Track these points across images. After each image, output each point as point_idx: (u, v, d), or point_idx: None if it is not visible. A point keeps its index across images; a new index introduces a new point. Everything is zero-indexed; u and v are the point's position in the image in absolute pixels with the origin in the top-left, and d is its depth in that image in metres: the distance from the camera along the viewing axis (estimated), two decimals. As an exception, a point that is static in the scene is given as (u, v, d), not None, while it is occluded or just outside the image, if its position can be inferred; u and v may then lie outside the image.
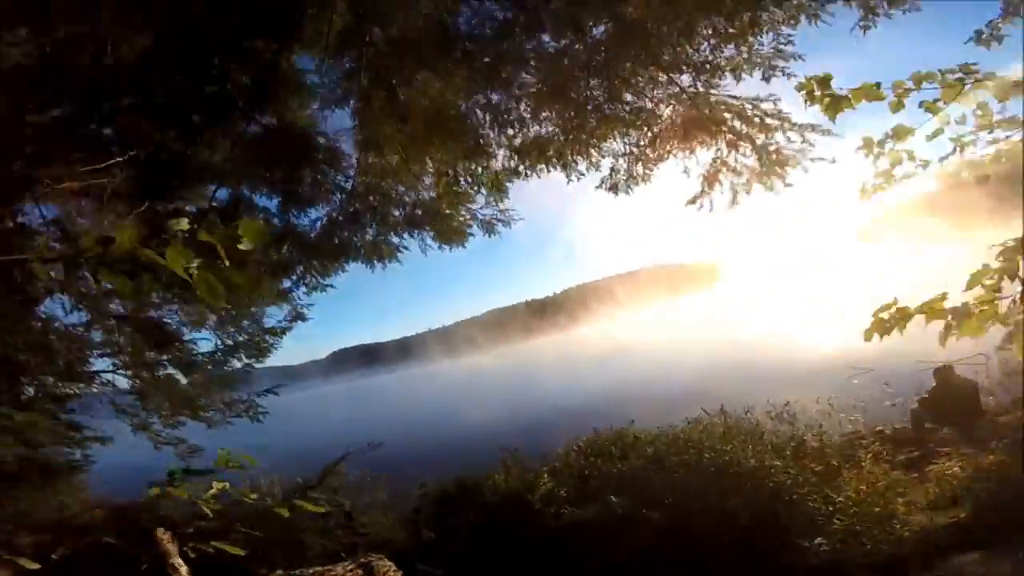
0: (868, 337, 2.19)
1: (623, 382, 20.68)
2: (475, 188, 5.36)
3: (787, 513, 3.41)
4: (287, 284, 6.05)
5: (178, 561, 3.34)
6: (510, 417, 18.44)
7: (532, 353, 49.33)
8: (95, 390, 5.90)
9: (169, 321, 6.32)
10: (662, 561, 3.38)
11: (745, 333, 25.51)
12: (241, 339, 7.30)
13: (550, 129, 5.10)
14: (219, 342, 6.81)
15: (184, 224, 1.20)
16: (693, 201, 5.46)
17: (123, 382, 6.10)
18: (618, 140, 5.13)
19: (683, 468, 4.40)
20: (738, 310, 41.31)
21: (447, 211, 5.40)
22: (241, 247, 1.20)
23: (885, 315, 2.15)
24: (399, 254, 5.63)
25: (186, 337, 6.30)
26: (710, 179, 5.28)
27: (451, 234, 5.46)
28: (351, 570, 3.46)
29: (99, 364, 6.00)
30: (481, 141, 5.05)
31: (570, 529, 4.07)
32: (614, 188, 5.42)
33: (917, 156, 2.47)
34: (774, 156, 4.94)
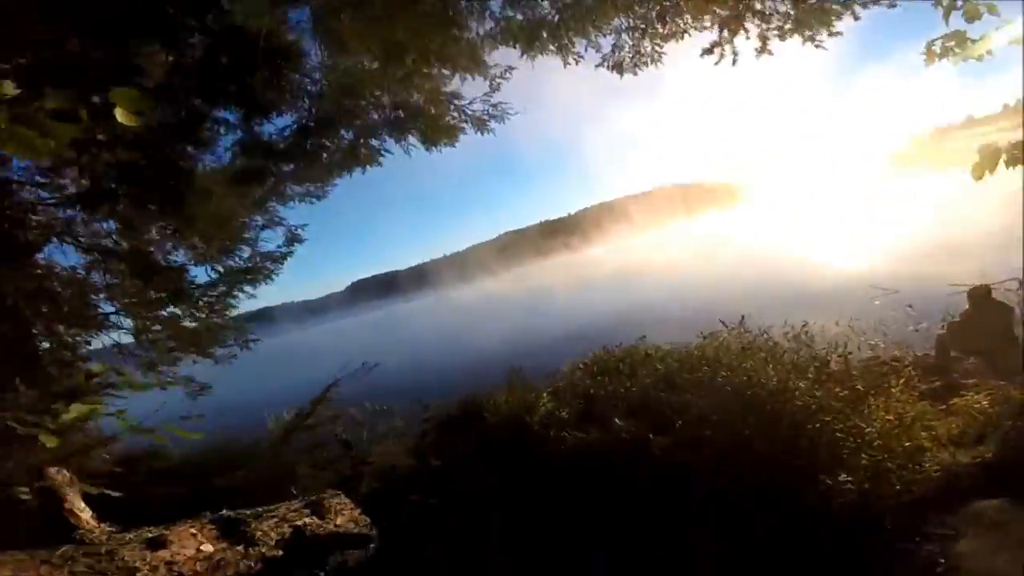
0: (978, 176, 2.24)
1: (636, 303, 20.47)
2: (452, 71, 4.66)
3: (810, 444, 3.14)
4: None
5: (79, 504, 3.19)
6: (522, 339, 18.55)
7: (546, 275, 49.17)
8: (106, 338, 5.91)
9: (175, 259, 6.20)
10: (670, 493, 3.20)
11: (764, 254, 24.73)
12: (239, 266, 7.20)
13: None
14: (216, 273, 6.70)
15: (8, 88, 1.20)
16: (711, 50, 4.56)
17: (128, 325, 6.09)
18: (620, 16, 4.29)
19: (696, 387, 4.13)
20: (758, 231, 39.98)
21: (432, 110, 4.78)
22: (120, 118, 1.29)
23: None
24: (381, 157, 5.08)
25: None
26: (732, 24, 4.39)
27: (438, 133, 4.86)
28: (296, 510, 3.35)
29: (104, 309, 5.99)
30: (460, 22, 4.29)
31: (571, 454, 3.91)
32: (618, 67, 4.63)
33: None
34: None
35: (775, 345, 5.55)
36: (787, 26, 4.20)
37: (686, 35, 4.36)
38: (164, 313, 6.20)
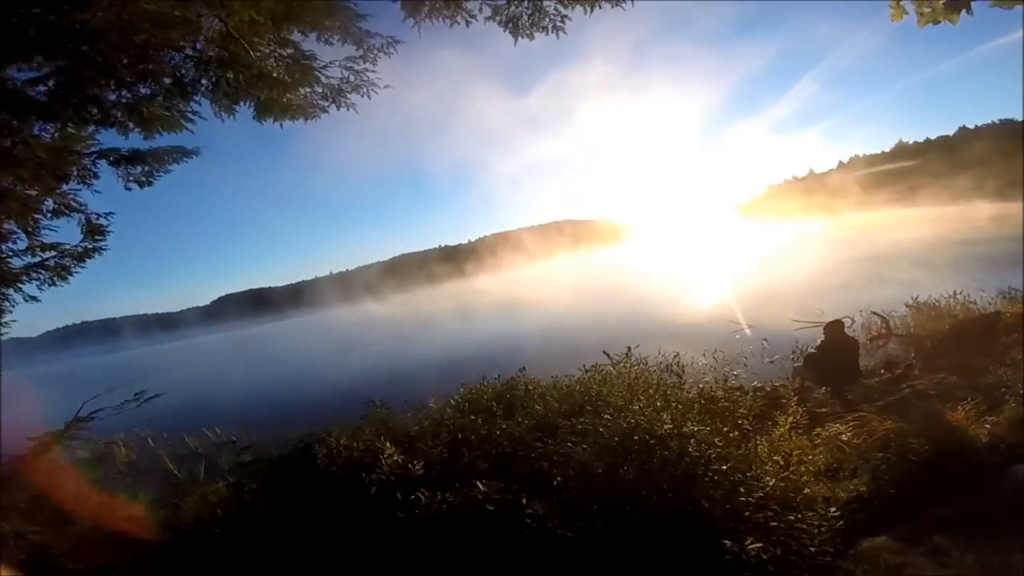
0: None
1: (520, 333, 20.22)
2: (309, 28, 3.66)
3: (709, 502, 2.58)
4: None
5: None
6: (393, 368, 17.18)
7: (435, 301, 47.82)
8: None
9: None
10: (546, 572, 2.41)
11: (640, 290, 26.38)
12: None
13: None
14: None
15: None
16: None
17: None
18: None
19: (580, 436, 3.46)
20: (638, 268, 43.23)
21: (274, 73, 3.67)
22: None
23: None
24: (191, 123, 3.80)
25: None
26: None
27: (276, 107, 3.77)
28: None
29: None
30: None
31: (424, 524, 2.93)
32: (513, 24, 3.99)
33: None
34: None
35: (659, 381, 5.20)
36: None
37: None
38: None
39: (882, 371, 7.44)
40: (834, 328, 6.35)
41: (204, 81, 3.80)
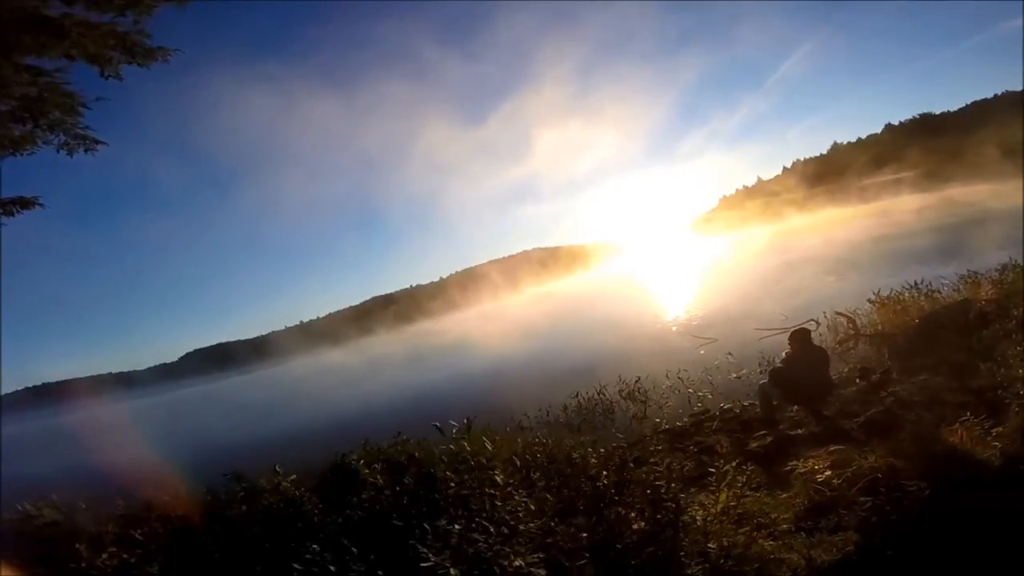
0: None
1: (470, 373, 18.85)
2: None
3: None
4: None
5: None
6: (303, 424, 15.69)
7: (394, 344, 46.02)
8: None
9: None
10: None
11: (605, 311, 25.58)
12: None
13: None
14: None
15: None
16: None
17: None
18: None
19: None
20: (603, 289, 42.77)
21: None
22: None
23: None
24: None
25: None
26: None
27: None
28: None
29: None
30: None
31: None
32: None
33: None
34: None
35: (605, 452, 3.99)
36: None
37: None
38: None
39: (858, 379, 6.50)
40: (800, 337, 5.38)
41: None
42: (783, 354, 6.00)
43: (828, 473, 3.98)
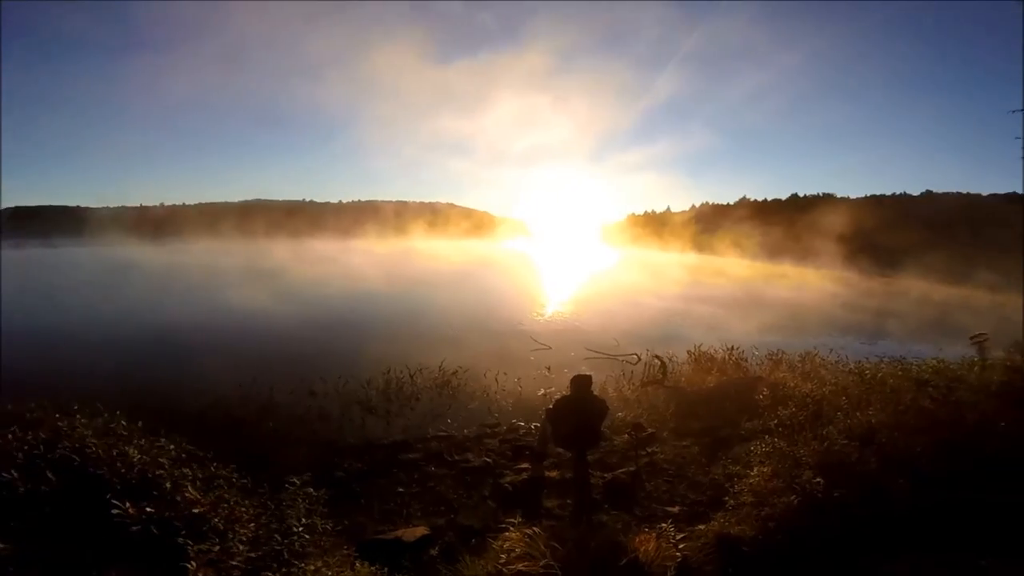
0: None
1: (300, 310, 17.06)
2: None
3: None
4: None
5: None
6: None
7: (233, 256, 40.83)
8: None
9: None
10: None
11: (470, 291, 24.88)
12: None
13: None
14: None
15: None
16: None
17: None
18: None
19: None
20: (483, 264, 42.15)
21: None
22: None
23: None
24: None
25: None
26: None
27: None
28: None
29: None
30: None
31: None
32: None
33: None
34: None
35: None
36: None
37: None
38: None
39: (629, 432, 6.44)
40: (579, 384, 4.94)
41: None
42: (558, 395, 5.64)
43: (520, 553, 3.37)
